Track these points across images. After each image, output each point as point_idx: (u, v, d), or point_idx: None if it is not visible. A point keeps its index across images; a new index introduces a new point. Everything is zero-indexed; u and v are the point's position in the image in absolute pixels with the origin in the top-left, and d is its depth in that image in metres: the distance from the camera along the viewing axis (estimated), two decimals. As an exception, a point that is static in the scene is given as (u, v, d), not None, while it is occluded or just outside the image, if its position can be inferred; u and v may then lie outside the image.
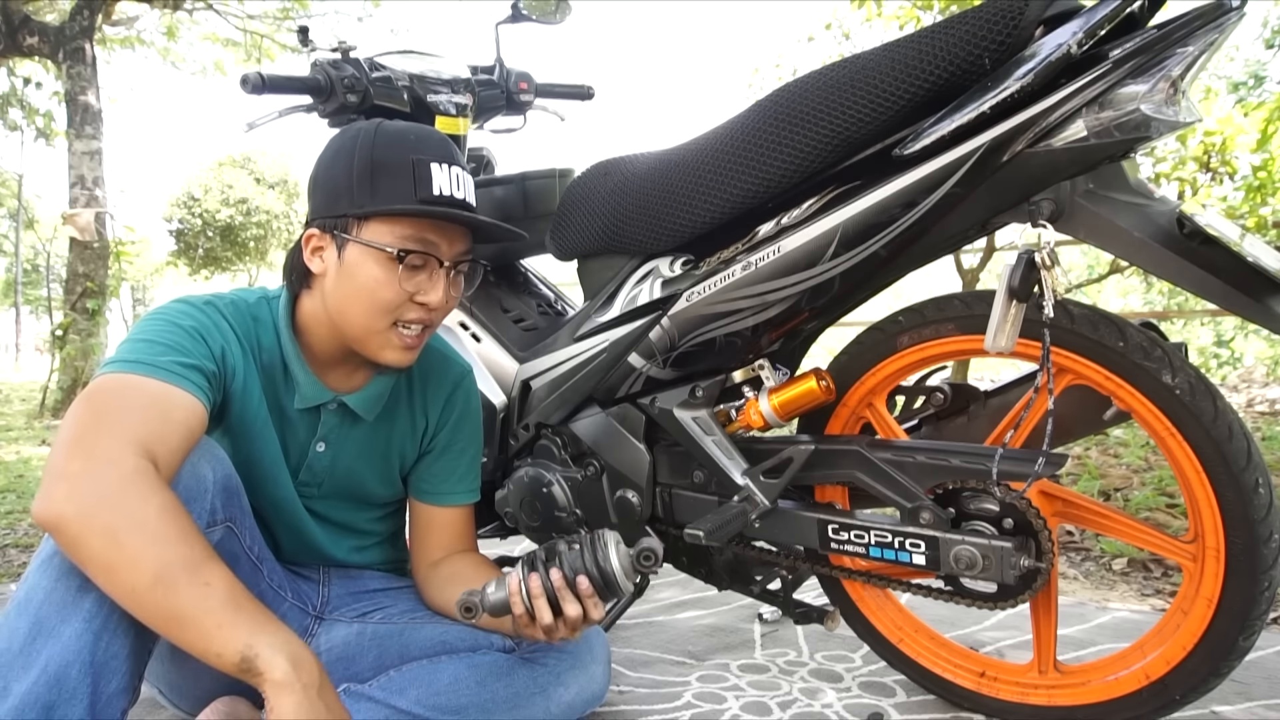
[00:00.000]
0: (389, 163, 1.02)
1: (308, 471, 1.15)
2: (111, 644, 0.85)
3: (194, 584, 0.81)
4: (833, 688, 1.37)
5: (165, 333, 0.98)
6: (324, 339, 1.09)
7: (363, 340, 1.05)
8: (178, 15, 9.00)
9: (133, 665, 0.88)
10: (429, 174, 1.02)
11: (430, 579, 1.20)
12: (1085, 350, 1.03)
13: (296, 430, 1.13)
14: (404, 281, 1.02)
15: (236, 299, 1.10)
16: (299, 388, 1.10)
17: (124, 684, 0.87)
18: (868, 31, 4.93)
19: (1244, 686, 1.34)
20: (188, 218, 16.52)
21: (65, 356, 6.66)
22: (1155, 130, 0.92)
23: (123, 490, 0.82)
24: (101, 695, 0.84)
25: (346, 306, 1.04)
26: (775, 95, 1.14)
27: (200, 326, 1.02)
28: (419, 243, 1.02)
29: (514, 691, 1.10)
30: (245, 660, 0.81)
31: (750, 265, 1.14)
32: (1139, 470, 2.89)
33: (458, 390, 1.23)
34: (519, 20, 1.66)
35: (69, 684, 0.82)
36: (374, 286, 1.02)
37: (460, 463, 1.24)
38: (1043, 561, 1.05)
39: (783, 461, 1.18)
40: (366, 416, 1.15)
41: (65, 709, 0.82)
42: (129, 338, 0.99)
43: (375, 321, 1.04)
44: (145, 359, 0.94)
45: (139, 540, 0.80)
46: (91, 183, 7.06)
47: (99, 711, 0.84)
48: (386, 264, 1.01)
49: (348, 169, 1.02)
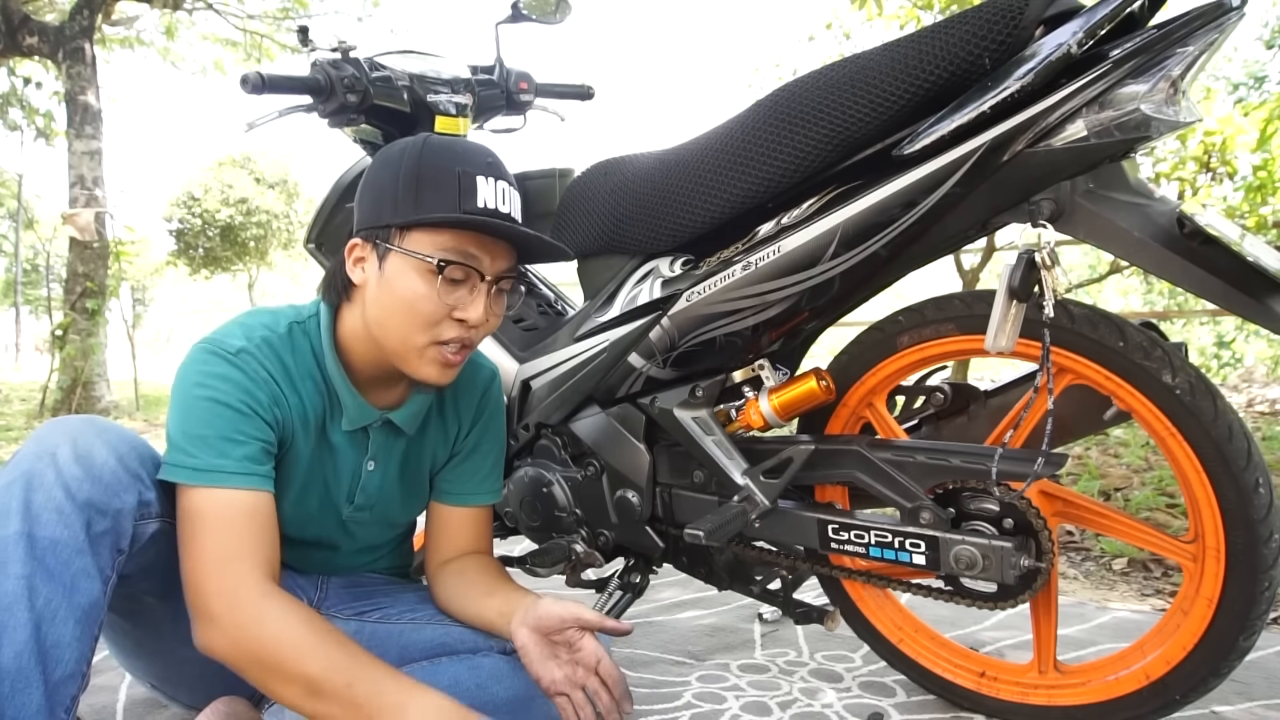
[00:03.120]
0: (435, 174, 1.00)
1: (363, 494, 1.14)
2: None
3: (336, 685, 0.90)
4: (833, 688, 1.37)
5: (217, 419, 0.98)
6: (364, 355, 1.07)
7: (401, 355, 1.04)
8: (177, 15, 8.99)
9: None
10: (474, 186, 1.00)
11: (439, 577, 1.20)
12: (1085, 350, 1.03)
13: (344, 454, 1.12)
14: (444, 294, 1.00)
15: (268, 335, 1.05)
16: (346, 410, 1.09)
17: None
18: (868, 31, 4.93)
19: (1244, 686, 1.34)
20: (188, 218, 16.50)
21: (65, 356, 6.66)
22: (1155, 130, 0.92)
23: (260, 619, 0.92)
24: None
25: (386, 318, 1.02)
26: (775, 95, 1.14)
27: (247, 395, 1.00)
28: (460, 254, 1.00)
29: (513, 694, 1.09)
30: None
31: (750, 265, 1.14)
32: (1139, 470, 2.89)
33: (488, 393, 1.23)
34: (519, 20, 1.66)
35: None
36: (413, 298, 1.00)
37: (484, 464, 1.24)
38: (1043, 561, 1.05)
39: (783, 461, 1.18)
40: (409, 430, 1.14)
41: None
42: (182, 419, 0.98)
43: (414, 336, 1.01)
44: (214, 464, 0.96)
45: (285, 662, 0.90)
46: (91, 183, 7.06)
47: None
48: (427, 275, 0.99)
49: (393, 179, 1.01)
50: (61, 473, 0.89)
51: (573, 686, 1.01)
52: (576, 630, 1.03)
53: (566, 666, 1.02)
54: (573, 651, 1.02)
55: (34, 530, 0.86)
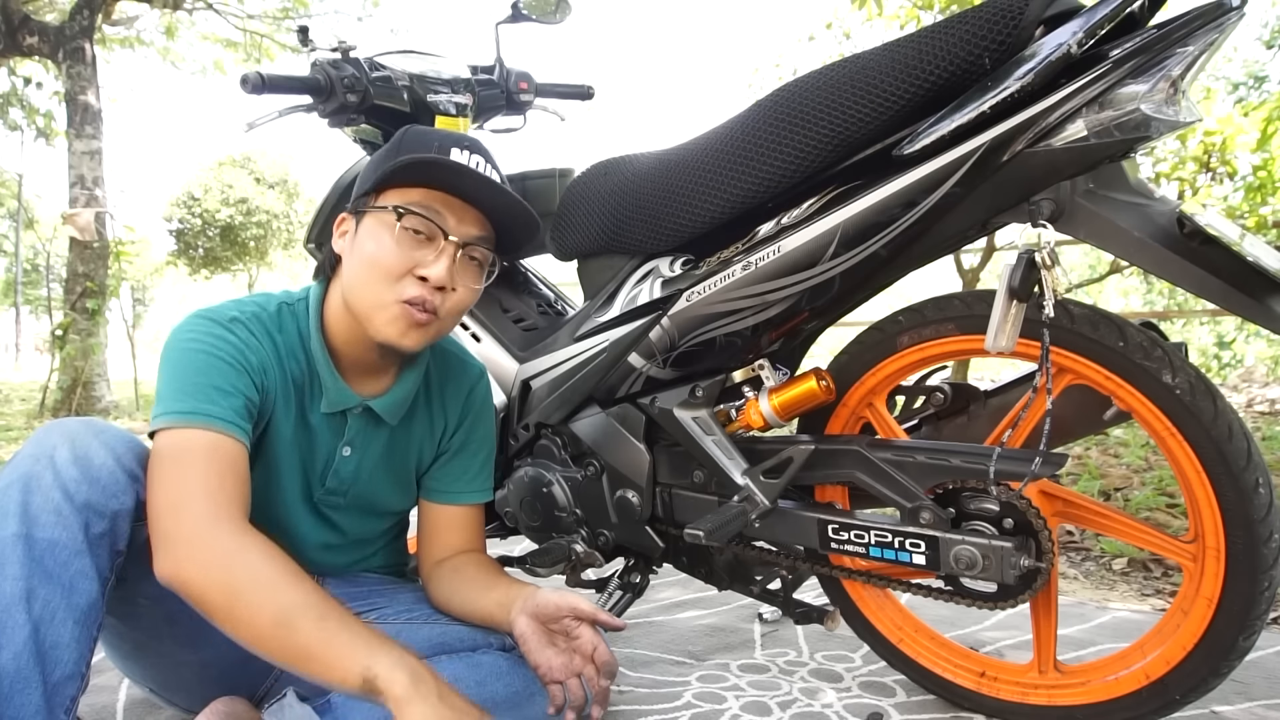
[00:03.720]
0: (414, 142, 1.07)
1: (334, 478, 1.14)
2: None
3: (307, 620, 0.87)
4: (833, 688, 1.37)
5: (209, 369, 0.99)
6: (345, 333, 1.09)
7: (367, 316, 1.05)
8: (177, 15, 8.99)
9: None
10: (449, 151, 1.05)
11: (434, 577, 1.20)
12: (1085, 350, 1.03)
13: (322, 436, 1.12)
14: (406, 249, 1.02)
15: (258, 311, 1.09)
16: (326, 392, 1.10)
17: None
18: (868, 31, 4.93)
19: (1244, 686, 1.34)
20: (188, 217, 16.51)
21: (65, 356, 6.66)
22: (1155, 130, 0.92)
23: (234, 549, 0.89)
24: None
25: (354, 279, 1.05)
26: (775, 95, 1.14)
27: (238, 354, 1.02)
28: (424, 209, 1.03)
29: (513, 692, 1.09)
30: (367, 682, 0.85)
31: (750, 265, 1.14)
32: (1139, 470, 2.89)
33: (474, 391, 1.24)
34: (519, 20, 1.66)
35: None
36: (376, 252, 1.03)
37: (474, 463, 1.24)
38: (1043, 561, 1.05)
39: (783, 461, 1.18)
40: (391, 420, 1.15)
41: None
42: (172, 373, 0.99)
43: (378, 292, 1.03)
44: (201, 408, 0.96)
45: (255, 592, 0.88)
46: (91, 182, 7.06)
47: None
48: (390, 228, 1.02)
49: (379, 158, 1.09)
50: (60, 474, 0.90)
51: (569, 674, 1.02)
52: (573, 620, 1.04)
53: (564, 654, 1.03)
54: (570, 640, 1.03)
55: (32, 532, 0.87)
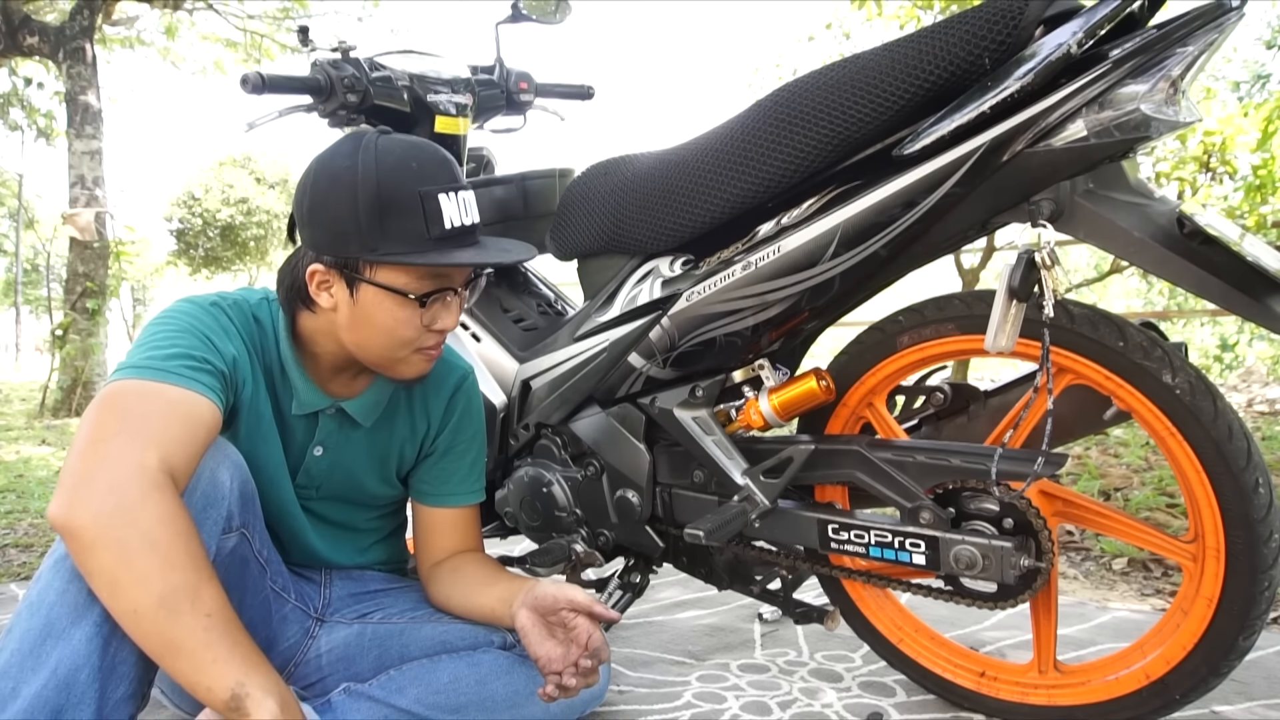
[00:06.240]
0: (396, 200, 0.98)
1: (305, 475, 1.15)
2: (121, 649, 0.85)
3: (195, 614, 0.81)
4: (833, 688, 1.37)
5: (176, 337, 0.98)
6: (330, 353, 1.09)
7: (383, 367, 1.08)
8: (178, 15, 8.99)
9: (141, 671, 0.87)
10: (438, 208, 1.00)
11: (433, 577, 1.20)
12: (1085, 350, 1.03)
13: (295, 433, 1.13)
14: (423, 318, 1.04)
15: (240, 300, 1.09)
16: (297, 394, 1.10)
17: (131, 690, 0.87)
18: (868, 31, 4.94)
19: (1244, 686, 1.34)
20: (188, 217, 16.52)
21: (65, 356, 6.66)
22: (1155, 130, 0.92)
23: (141, 505, 0.81)
24: (109, 700, 0.84)
25: (365, 341, 1.05)
26: (775, 95, 1.14)
27: (209, 330, 1.01)
28: (436, 280, 1.03)
29: (513, 690, 1.10)
30: (235, 699, 0.81)
31: (750, 265, 1.14)
32: (1139, 470, 2.89)
33: (459, 393, 1.23)
34: (519, 20, 1.66)
35: (78, 688, 0.82)
36: (394, 325, 1.03)
37: (461, 465, 1.24)
38: (1043, 561, 1.05)
39: (783, 461, 1.18)
40: (364, 422, 1.15)
41: (73, 713, 0.82)
42: (140, 342, 0.99)
43: (396, 352, 1.06)
44: (159, 365, 0.93)
45: (149, 560, 0.80)
46: (91, 182, 7.06)
47: (106, 715, 0.84)
48: (407, 304, 1.02)
49: (352, 208, 0.97)
50: None
51: (566, 665, 1.02)
52: (570, 611, 1.04)
53: (562, 645, 1.03)
54: (568, 631, 1.04)
55: None
